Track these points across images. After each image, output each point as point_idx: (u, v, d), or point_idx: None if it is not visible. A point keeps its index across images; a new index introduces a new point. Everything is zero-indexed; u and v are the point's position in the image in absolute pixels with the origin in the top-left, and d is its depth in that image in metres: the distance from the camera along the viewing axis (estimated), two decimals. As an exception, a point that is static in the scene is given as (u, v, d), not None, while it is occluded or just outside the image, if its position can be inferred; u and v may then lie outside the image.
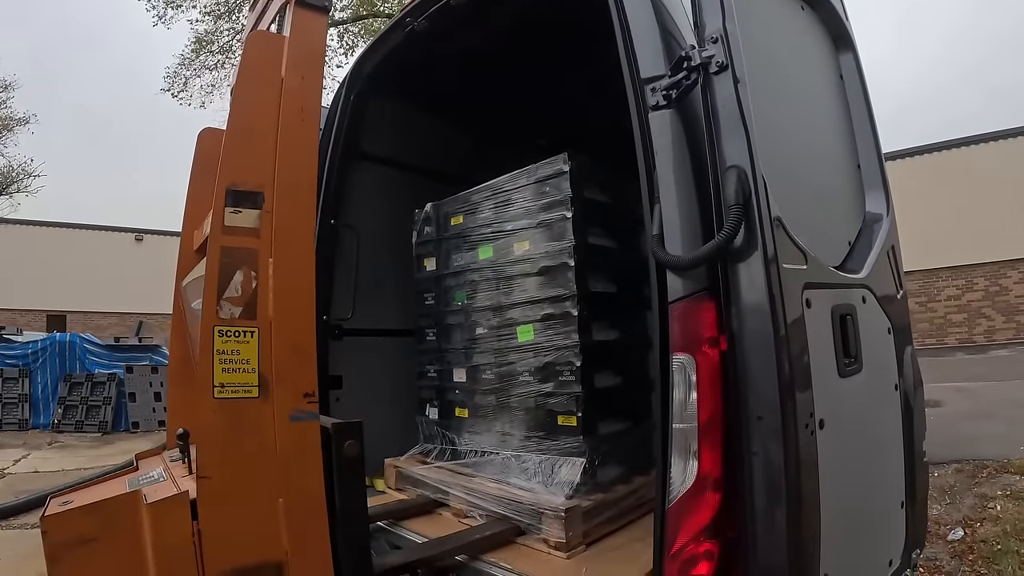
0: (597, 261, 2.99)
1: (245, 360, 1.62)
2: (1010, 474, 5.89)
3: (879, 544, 2.15)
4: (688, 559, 1.67)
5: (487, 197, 3.25)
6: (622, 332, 3.12)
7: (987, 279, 19.60)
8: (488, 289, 3.23)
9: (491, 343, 3.19)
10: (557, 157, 2.91)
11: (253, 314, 1.65)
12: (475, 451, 3.25)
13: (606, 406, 2.96)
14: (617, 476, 2.98)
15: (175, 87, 15.81)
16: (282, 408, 1.65)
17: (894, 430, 2.28)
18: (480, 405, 3.26)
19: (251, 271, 1.66)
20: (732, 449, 1.64)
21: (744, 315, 1.58)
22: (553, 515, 2.59)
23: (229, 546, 1.57)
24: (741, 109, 1.64)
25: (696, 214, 1.74)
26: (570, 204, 2.84)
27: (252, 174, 1.72)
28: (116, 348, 13.37)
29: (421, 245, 3.65)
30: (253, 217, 1.69)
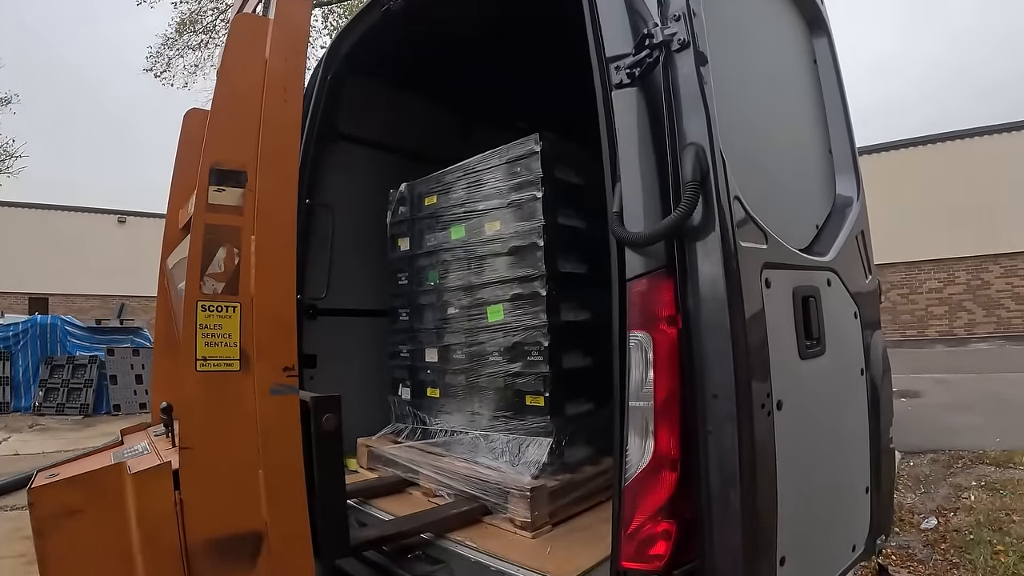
0: (566, 241, 2.99)
1: (227, 334, 1.66)
2: (985, 465, 5.94)
3: (841, 529, 2.14)
4: (645, 538, 1.66)
5: (460, 177, 3.26)
6: (591, 313, 3.11)
7: (969, 273, 19.76)
8: (460, 269, 3.24)
9: (462, 323, 3.21)
10: (528, 137, 2.91)
11: (235, 290, 1.69)
12: (446, 431, 3.27)
13: (573, 386, 2.96)
14: (584, 457, 3.00)
15: (158, 67, 15.60)
16: (262, 381, 1.68)
17: (859, 415, 2.27)
18: (451, 385, 3.28)
19: (234, 248, 1.70)
20: (689, 429, 1.63)
21: (700, 293, 1.56)
22: (519, 495, 2.61)
23: (210, 516, 1.61)
24: (702, 87, 1.62)
25: (657, 193, 1.72)
26: (540, 184, 2.85)
27: (236, 153, 1.75)
28: (97, 331, 13.24)
29: (395, 225, 3.66)
30: (236, 196, 1.73)
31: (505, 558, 2.39)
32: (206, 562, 1.58)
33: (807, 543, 1.86)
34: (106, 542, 1.52)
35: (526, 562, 2.34)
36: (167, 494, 1.57)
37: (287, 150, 1.87)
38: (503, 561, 2.37)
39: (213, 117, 1.81)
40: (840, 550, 2.13)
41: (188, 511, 1.57)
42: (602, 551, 2.37)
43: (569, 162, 3.05)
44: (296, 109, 1.92)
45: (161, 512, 1.55)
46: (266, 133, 1.80)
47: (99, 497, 1.53)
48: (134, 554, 1.52)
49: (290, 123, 1.89)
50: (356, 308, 3.92)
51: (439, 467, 3.03)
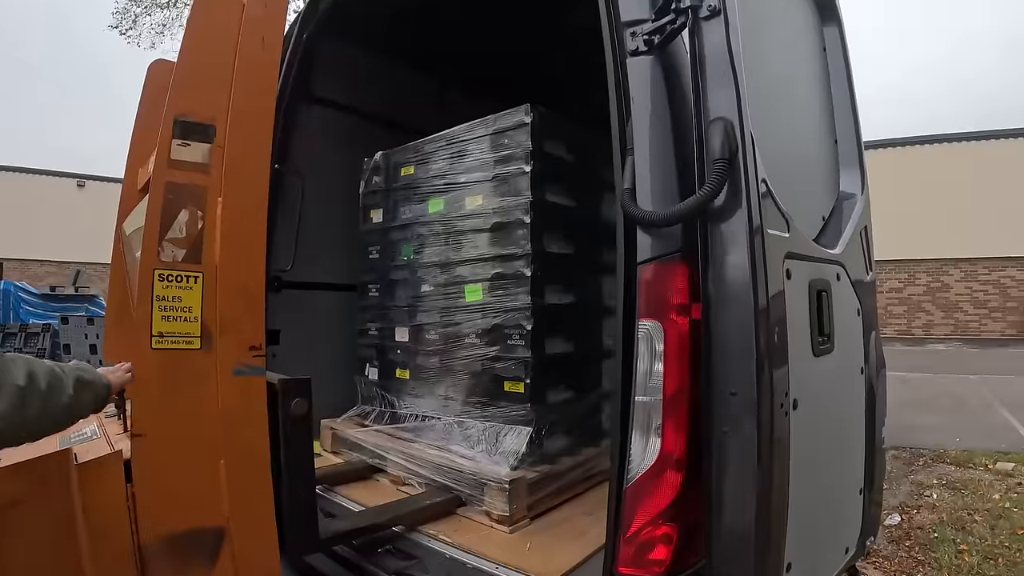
0: (554, 220, 2.84)
1: (187, 308, 1.51)
2: (946, 464, 6.03)
3: (838, 531, 2.08)
4: (645, 542, 1.55)
5: (441, 147, 3.07)
6: (577, 297, 2.99)
7: (929, 275, 20.24)
8: (436, 244, 3.07)
9: (437, 302, 3.05)
10: (518, 108, 2.75)
11: (198, 258, 1.53)
12: (416, 415, 3.10)
13: (556, 373, 2.84)
14: (565, 447, 2.88)
15: (123, 24, 14.92)
16: (225, 361, 1.55)
17: (857, 415, 2.21)
18: (423, 367, 3.11)
19: (198, 211, 1.54)
20: (698, 426, 1.52)
21: (722, 281, 1.44)
22: (496, 487, 2.48)
23: (166, 510, 1.48)
24: (732, 58, 1.49)
25: (672, 169, 1.60)
26: (529, 158, 2.70)
27: (204, 104, 1.58)
28: (52, 298, 12.80)
29: (368, 195, 3.46)
30: (203, 151, 1.56)
31: (482, 554, 2.27)
32: (161, 560, 1.44)
33: (810, 547, 1.78)
34: (50, 537, 1.36)
35: (505, 559, 2.23)
36: (118, 486, 1.43)
37: (262, 104, 1.70)
38: (480, 557, 2.25)
39: (181, 62, 1.61)
40: (836, 552, 2.06)
41: (141, 505, 1.44)
42: (583, 547, 2.29)
43: (560, 137, 2.90)
44: (274, 60, 1.76)
45: (111, 506, 1.41)
46: (239, 84, 1.63)
47: (42, 488, 1.37)
48: (81, 552, 1.37)
49: (267, 75, 1.73)
50: (324, 282, 3.73)
51: (409, 454, 2.87)
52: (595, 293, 3.17)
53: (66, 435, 1.93)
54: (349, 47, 3.64)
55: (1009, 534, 4.22)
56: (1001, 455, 6.15)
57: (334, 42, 3.49)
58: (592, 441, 3.03)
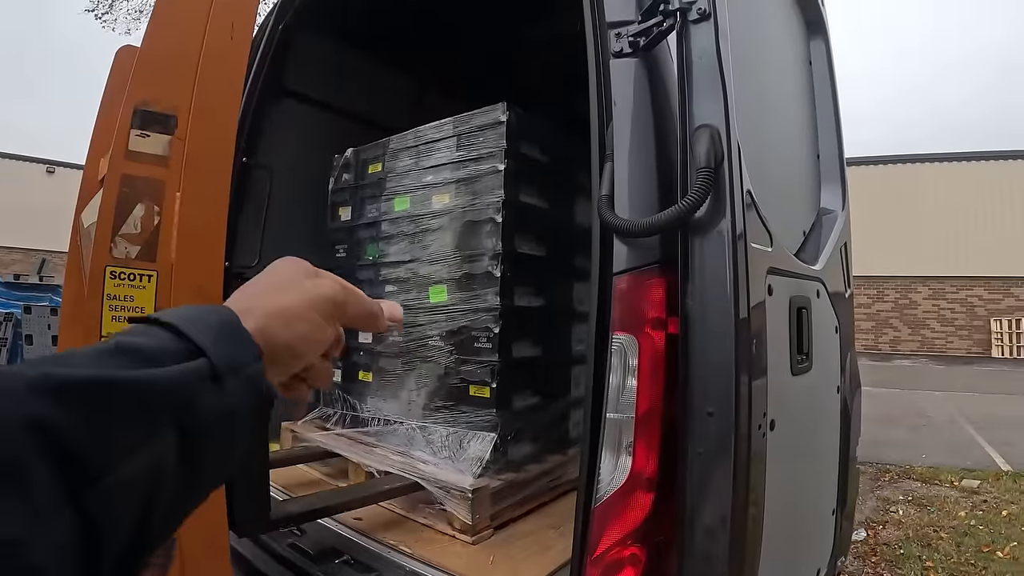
0: (527, 221, 2.80)
1: (139, 308, 1.44)
2: (912, 480, 6.09)
3: (812, 552, 2.03)
4: (612, 563, 1.48)
5: (411, 145, 3.01)
6: (547, 301, 2.96)
7: (897, 292, 20.61)
8: (401, 243, 3.00)
9: (401, 302, 2.91)
10: (495, 106, 2.70)
11: (153, 256, 1.46)
12: (379, 419, 3.03)
13: (523, 378, 2.78)
14: (531, 455, 2.84)
15: (99, 8, 14.60)
16: None
17: (832, 435, 2.17)
18: (386, 369, 3.05)
19: (154, 205, 1.46)
20: (671, 445, 1.45)
21: (702, 295, 1.37)
22: (459, 495, 2.42)
23: None
24: (721, 64, 1.43)
25: (653, 176, 1.54)
26: (504, 156, 2.66)
27: (166, 93, 1.50)
28: (15, 286, 12.43)
29: (337, 192, 3.41)
30: (163, 143, 1.49)
31: (444, 567, 2.20)
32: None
33: (783, 569, 1.74)
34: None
35: (467, 572, 2.17)
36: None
37: (228, 96, 1.62)
38: (442, 571, 2.18)
39: (145, 49, 1.53)
40: (808, 574, 2.01)
41: None
42: (548, 561, 2.23)
43: (536, 138, 2.86)
44: (243, 50, 1.67)
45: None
46: (205, 74, 1.55)
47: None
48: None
49: (235, 65, 1.64)
50: None
51: (376, 458, 2.79)
52: (566, 298, 3.15)
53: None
54: (326, 41, 3.55)
55: (975, 551, 4.25)
56: (967, 472, 6.23)
57: (311, 35, 3.39)
58: (559, 449, 2.99)
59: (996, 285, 19.63)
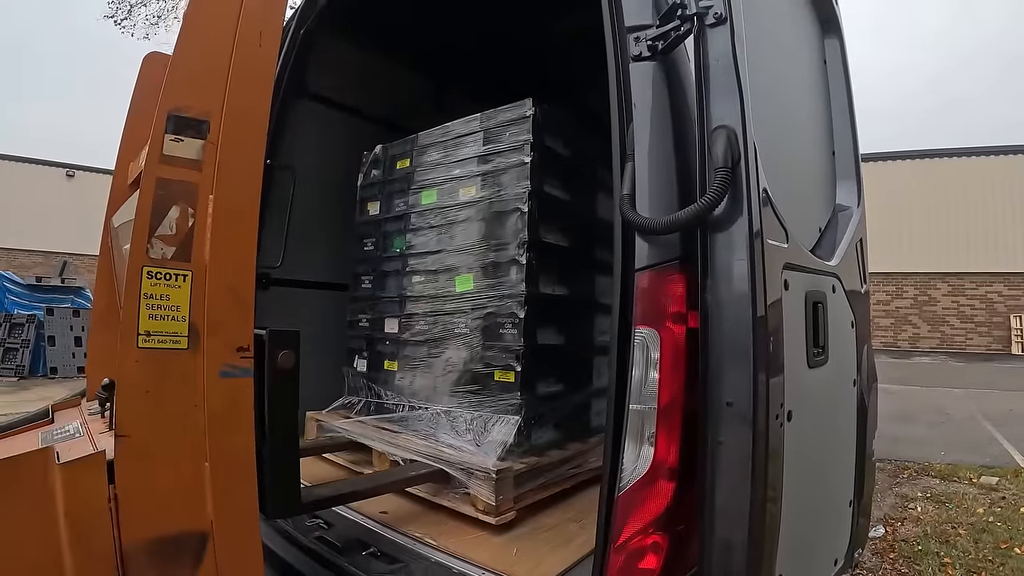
0: (551, 212, 2.87)
1: (175, 307, 1.47)
2: (930, 477, 6.06)
3: (828, 543, 2.07)
4: (635, 551, 1.54)
5: (439, 140, 3.12)
6: (571, 290, 3.02)
7: (917, 289, 20.42)
8: (429, 235, 3.09)
9: (428, 292, 3.07)
10: (522, 102, 2.80)
11: (188, 256, 1.50)
12: (403, 406, 3.09)
13: (547, 365, 2.84)
14: (553, 441, 2.89)
15: (119, 14, 14.80)
16: (212, 362, 1.50)
17: (849, 427, 2.20)
18: (411, 357, 3.12)
19: (188, 208, 1.50)
20: (691, 436, 1.51)
21: (720, 290, 1.43)
22: (483, 476, 2.46)
23: (148, 514, 1.42)
24: (737, 66, 1.49)
25: (672, 176, 1.61)
26: (530, 149, 2.74)
27: (199, 99, 1.55)
28: (37, 288, 12.74)
29: (366, 188, 3.49)
30: (196, 148, 1.53)
31: (468, 558, 2.24)
32: (143, 564, 1.40)
33: (802, 560, 1.78)
34: (28, 540, 1.31)
35: (492, 564, 2.20)
36: (100, 488, 1.37)
37: (258, 101, 1.67)
38: (466, 562, 2.23)
39: (177, 56, 1.58)
40: (826, 564, 2.06)
41: (123, 508, 1.38)
42: (571, 553, 2.27)
43: (560, 133, 2.95)
44: (271, 56, 1.72)
45: (93, 508, 1.36)
46: (235, 80, 1.59)
47: (21, 488, 1.33)
48: (61, 554, 1.32)
49: (263, 71, 1.69)
50: (312, 280, 3.70)
51: (395, 443, 2.86)
52: (588, 289, 3.21)
53: (48, 431, 1.88)
54: (347, 44, 3.62)
55: (992, 548, 4.24)
56: (985, 469, 6.19)
57: (332, 39, 3.47)
58: (580, 437, 3.04)
59: (1016, 281, 19.40)
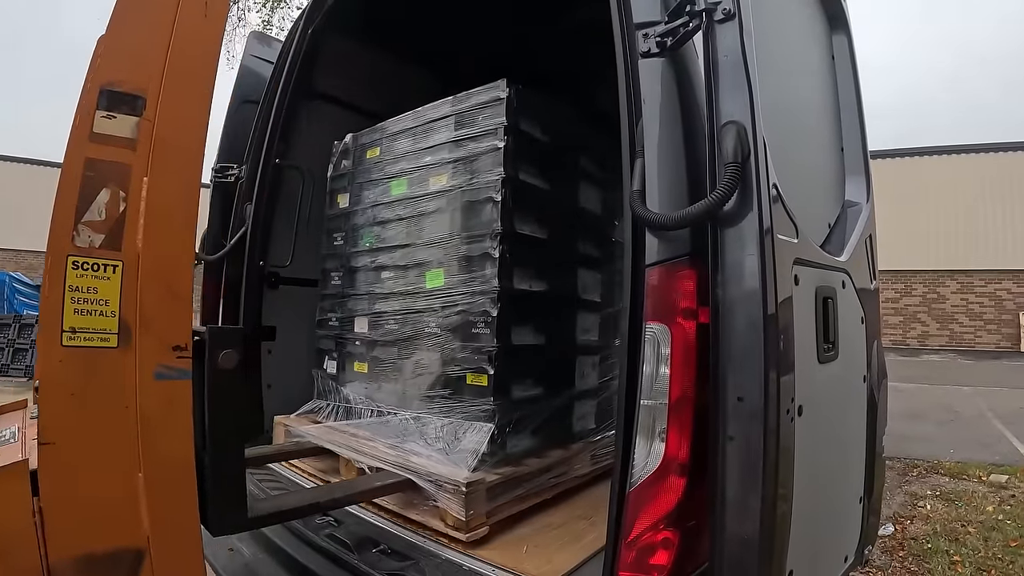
0: (527, 201, 2.68)
1: (104, 301, 1.34)
2: (940, 475, 6.04)
3: (838, 539, 2.07)
4: (646, 547, 1.54)
5: (409, 127, 2.95)
6: (550, 286, 2.84)
7: (925, 286, 20.32)
8: (399, 228, 2.92)
9: (398, 289, 2.90)
10: (495, 84, 2.64)
11: (118, 244, 1.37)
12: (373, 410, 2.92)
13: (523, 366, 2.66)
14: (531, 448, 2.71)
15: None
16: (146, 362, 1.37)
17: (859, 423, 2.20)
18: (381, 359, 2.95)
19: (120, 191, 1.37)
20: (702, 431, 1.51)
21: (731, 286, 1.43)
22: (453, 489, 2.30)
23: (77, 529, 1.31)
24: (746, 62, 1.49)
25: (682, 172, 1.61)
26: (503, 134, 2.56)
27: (134, 73, 1.41)
28: (47, 289, 12.72)
29: (336, 179, 3.36)
30: (130, 125, 1.39)
31: (478, 556, 2.25)
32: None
33: (811, 555, 1.78)
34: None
35: (502, 561, 2.21)
36: (23, 501, 1.25)
37: (201, 76, 1.53)
38: (477, 559, 2.23)
39: (112, 26, 1.42)
40: (836, 561, 2.06)
41: (49, 523, 1.27)
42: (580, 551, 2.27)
43: (538, 117, 2.77)
44: (218, 29, 1.58)
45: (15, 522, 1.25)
46: (176, 52, 1.46)
47: None
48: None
49: (209, 44, 1.56)
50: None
51: (362, 450, 2.69)
52: (570, 284, 3.05)
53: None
54: (354, 44, 3.63)
55: (1002, 546, 4.23)
56: (995, 467, 6.17)
57: (339, 38, 3.48)
58: (563, 444, 2.90)
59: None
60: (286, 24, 11.28)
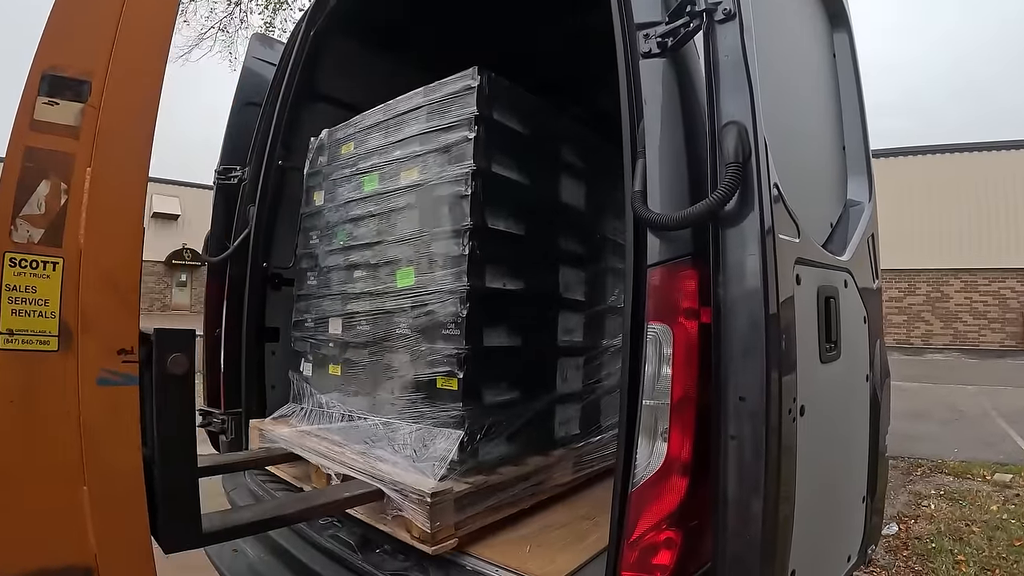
0: (501, 195, 2.55)
1: (43, 300, 1.25)
2: (944, 474, 6.04)
3: (841, 539, 2.07)
4: (649, 547, 1.55)
5: (382, 120, 2.85)
6: (527, 284, 2.70)
7: (929, 285, 20.29)
8: (371, 225, 2.82)
9: (370, 288, 2.78)
10: (466, 71, 2.52)
11: (59, 240, 1.27)
12: (345, 415, 2.83)
13: (497, 369, 2.53)
14: (507, 455, 2.57)
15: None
16: (88, 367, 1.28)
17: (862, 422, 2.20)
18: (354, 361, 2.84)
19: (61, 183, 1.28)
20: (704, 431, 1.51)
21: (733, 285, 1.44)
22: (417, 499, 2.16)
23: (18, 546, 1.22)
24: (746, 62, 1.49)
25: (684, 172, 1.61)
26: (473, 124, 2.43)
27: (79, 57, 1.32)
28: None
29: (311, 177, 3.25)
30: (74, 112, 1.30)
31: (480, 556, 2.24)
32: (16, 608, 1.20)
33: (813, 555, 1.78)
34: None
35: (504, 561, 2.20)
36: None
37: (151, 62, 1.43)
38: (479, 559, 2.23)
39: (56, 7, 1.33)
40: (839, 561, 2.06)
41: None
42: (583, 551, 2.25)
43: (514, 107, 2.65)
44: (169, 16, 1.50)
45: None
46: (124, 36, 1.36)
47: None
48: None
49: (160, 28, 1.46)
50: None
51: (331, 457, 2.58)
52: (550, 283, 2.91)
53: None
54: (357, 46, 3.63)
55: (1006, 545, 4.22)
56: (999, 466, 6.16)
57: (342, 40, 3.48)
58: (542, 450, 2.77)
59: (1029, 277, 19.29)
60: (288, 26, 11.29)
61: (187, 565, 1.84)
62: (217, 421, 3.24)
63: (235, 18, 12.46)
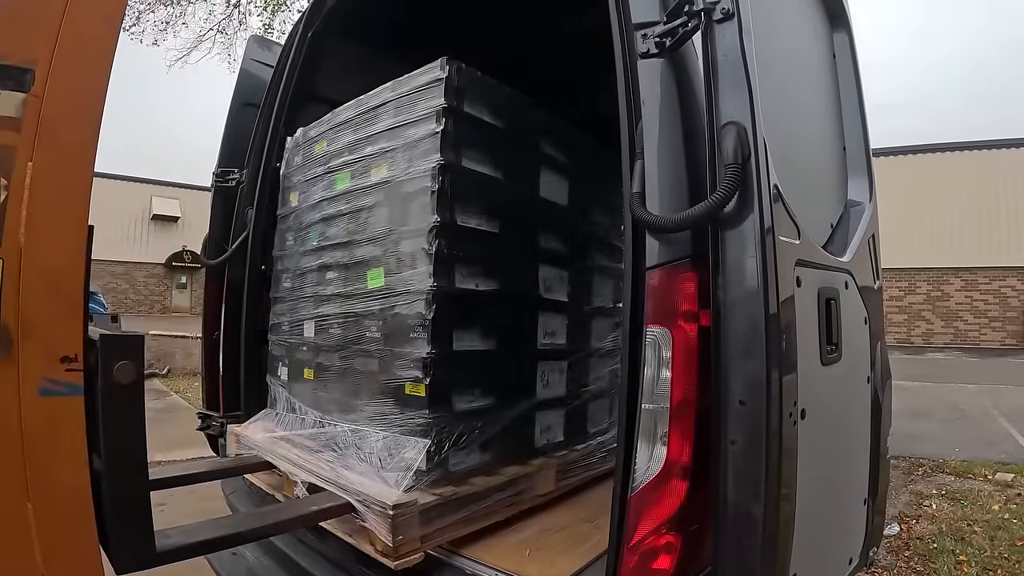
0: (471, 190, 2.45)
1: None
2: (945, 474, 6.02)
3: (842, 541, 2.06)
4: (648, 551, 1.53)
5: (352, 116, 2.79)
6: (502, 284, 2.59)
7: (930, 284, 20.29)
8: (341, 225, 2.74)
9: (340, 291, 2.71)
10: (434, 63, 2.44)
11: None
12: (317, 421, 2.75)
13: (467, 375, 2.44)
14: (481, 465, 2.48)
15: (127, 20, 14.86)
16: (29, 375, 1.19)
17: (863, 424, 2.19)
18: (326, 366, 2.74)
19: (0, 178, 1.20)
20: (704, 435, 1.50)
21: (732, 288, 1.42)
22: (380, 511, 2.06)
23: None
24: (745, 62, 1.48)
25: (682, 173, 1.59)
26: (441, 116, 2.35)
27: (21, 44, 1.23)
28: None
29: (287, 177, 3.20)
30: (15, 103, 1.21)
31: (480, 559, 2.23)
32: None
33: (815, 558, 1.77)
34: None
35: (504, 564, 2.19)
36: None
37: (99, 49, 1.34)
38: (478, 563, 2.22)
39: None
40: (840, 563, 2.04)
41: None
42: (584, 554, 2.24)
43: (485, 99, 2.55)
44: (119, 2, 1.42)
45: None
46: (71, 22, 1.27)
47: None
48: None
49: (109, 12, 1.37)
50: None
51: (299, 465, 2.48)
52: (528, 283, 2.79)
53: None
54: (355, 47, 3.61)
55: (1008, 545, 4.21)
56: (1001, 465, 6.15)
57: (339, 41, 3.46)
58: (520, 459, 2.67)
59: (1029, 275, 19.28)
60: (287, 28, 11.29)
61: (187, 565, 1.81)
62: (216, 424, 3.22)
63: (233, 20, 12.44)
